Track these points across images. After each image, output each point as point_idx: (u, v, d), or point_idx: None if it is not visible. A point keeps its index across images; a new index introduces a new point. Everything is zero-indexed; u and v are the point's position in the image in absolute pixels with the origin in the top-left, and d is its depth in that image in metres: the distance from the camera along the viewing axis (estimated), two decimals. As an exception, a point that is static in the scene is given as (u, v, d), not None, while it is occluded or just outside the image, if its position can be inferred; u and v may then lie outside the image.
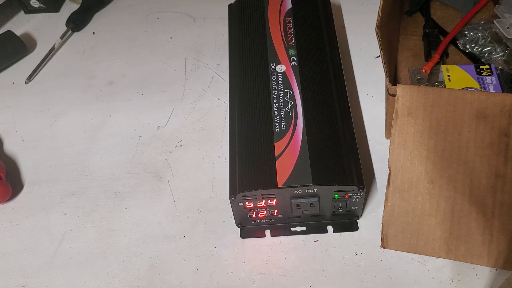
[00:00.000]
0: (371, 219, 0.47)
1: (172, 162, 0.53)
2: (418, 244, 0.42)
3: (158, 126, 0.57)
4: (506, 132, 0.39)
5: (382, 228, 0.43)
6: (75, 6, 0.72)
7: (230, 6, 0.60)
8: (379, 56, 0.49)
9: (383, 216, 0.43)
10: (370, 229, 0.46)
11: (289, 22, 0.54)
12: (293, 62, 0.50)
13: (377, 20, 0.44)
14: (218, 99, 0.59)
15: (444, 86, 0.51)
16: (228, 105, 0.53)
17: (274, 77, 0.49)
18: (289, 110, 0.46)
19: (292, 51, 0.51)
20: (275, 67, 0.50)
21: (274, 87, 0.48)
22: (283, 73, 0.49)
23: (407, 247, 0.43)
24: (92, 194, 0.52)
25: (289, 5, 0.56)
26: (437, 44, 0.56)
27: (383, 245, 0.43)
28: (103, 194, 0.51)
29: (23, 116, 0.60)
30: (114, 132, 0.57)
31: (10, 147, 0.57)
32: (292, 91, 0.47)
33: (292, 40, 0.52)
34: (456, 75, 0.51)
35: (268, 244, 0.46)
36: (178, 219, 0.49)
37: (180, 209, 0.49)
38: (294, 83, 0.48)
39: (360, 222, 0.47)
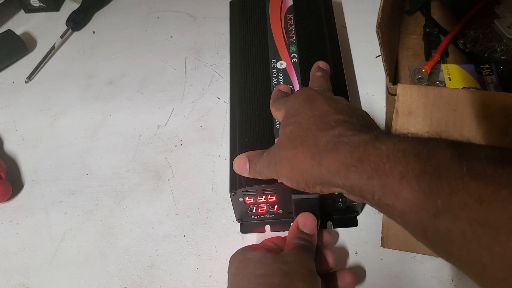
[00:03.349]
0: (371, 218, 0.47)
1: (172, 161, 0.53)
2: (418, 243, 0.42)
3: (158, 126, 0.57)
4: (506, 131, 0.39)
5: (382, 227, 0.43)
6: (75, 5, 0.72)
7: (231, 3, 0.60)
8: (380, 55, 0.49)
9: (383, 215, 0.43)
10: (370, 228, 0.46)
11: (290, 19, 0.54)
12: (294, 59, 0.50)
13: (378, 20, 0.44)
14: (218, 98, 0.59)
15: (445, 86, 0.51)
16: (228, 104, 0.53)
17: (274, 74, 0.49)
18: None
19: (292, 48, 0.51)
20: (275, 63, 0.50)
21: (275, 84, 0.48)
22: (284, 70, 0.49)
23: (407, 247, 0.43)
24: (92, 193, 0.52)
25: (290, 2, 0.56)
26: (438, 43, 0.56)
27: (383, 245, 0.43)
28: (103, 194, 0.52)
29: (23, 115, 0.60)
30: (114, 131, 0.57)
31: (10, 146, 0.57)
32: (293, 87, 0.47)
33: (293, 36, 0.52)
34: (457, 74, 0.51)
35: (266, 237, 0.46)
36: (178, 218, 0.49)
37: (180, 209, 0.49)
38: (295, 79, 0.48)
39: (360, 221, 0.47)
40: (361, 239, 0.45)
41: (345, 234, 0.46)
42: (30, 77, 0.64)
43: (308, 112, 0.36)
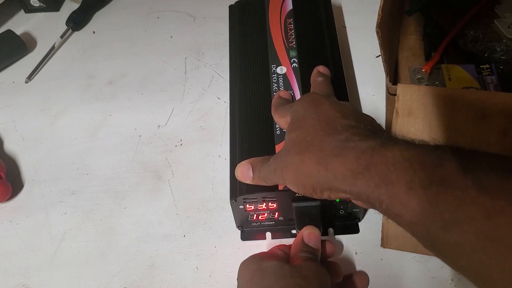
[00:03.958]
0: (371, 218, 0.47)
1: (172, 161, 0.53)
2: (418, 243, 0.42)
3: (158, 126, 0.57)
4: (506, 132, 0.39)
5: (382, 227, 0.43)
6: (75, 5, 0.72)
7: (230, 7, 0.60)
8: (380, 55, 0.49)
9: (383, 216, 0.43)
10: (370, 228, 0.46)
11: (289, 23, 0.54)
12: (294, 64, 0.50)
13: (378, 20, 0.44)
14: (218, 98, 0.59)
15: (445, 86, 0.51)
16: (228, 105, 0.53)
17: (275, 79, 0.49)
18: None
19: (293, 53, 0.51)
20: (275, 68, 0.50)
21: (275, 89, 0.48)
22: (284, 75, 0.49)
23: (407, 247, 0.43)
24: (92, 193, 0.52)
25: (290, 6, 0.56)
26: (438, 43, 0.56)
27: (383, 245, 0.43)
28: (103, 194, 0.52)
29: (23, 115, 0.60)
30: (114, 131, 0.57)
31: (10, 146, 0.57)
32: (293, 93, 0.47)
33: (293, 41, 0.52)
34: (456, 74, 0.51)
35: (268, 244, 0.46)
36: (178, 218, 0.49)
37: (180, 209, 0.49)
38: (295, 84, 0.48)
39: (360, 221, 0.47)
40: (361, 239, 0.45)
41: (345, 235, 0.46)
42: (30, 77, 0.64)
43: (314, 117, 0.35)
